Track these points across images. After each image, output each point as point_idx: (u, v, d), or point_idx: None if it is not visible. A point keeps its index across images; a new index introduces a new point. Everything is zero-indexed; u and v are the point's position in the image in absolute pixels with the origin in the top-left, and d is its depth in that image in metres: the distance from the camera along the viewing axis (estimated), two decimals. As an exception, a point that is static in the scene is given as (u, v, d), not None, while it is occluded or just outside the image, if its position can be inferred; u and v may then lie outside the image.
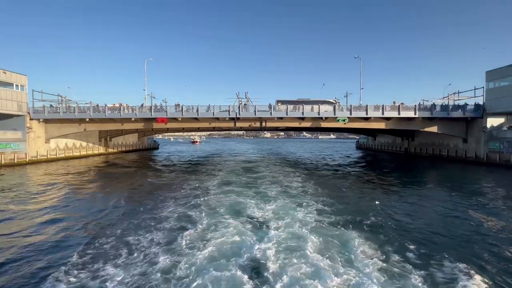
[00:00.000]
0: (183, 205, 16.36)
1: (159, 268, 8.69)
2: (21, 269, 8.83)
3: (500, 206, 17.05)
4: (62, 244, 10.84)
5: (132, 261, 9.15)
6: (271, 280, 8.01)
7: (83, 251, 9.99)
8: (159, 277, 8.15)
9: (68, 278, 8.10)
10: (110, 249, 10.16)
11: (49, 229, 12.68)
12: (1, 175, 28.79)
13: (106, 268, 8.70)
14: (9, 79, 37.04)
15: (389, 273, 8.39)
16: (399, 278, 8.13)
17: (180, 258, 9.29)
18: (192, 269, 8.59)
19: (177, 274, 8.31)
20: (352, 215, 14.28)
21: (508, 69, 34.46)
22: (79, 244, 10.75)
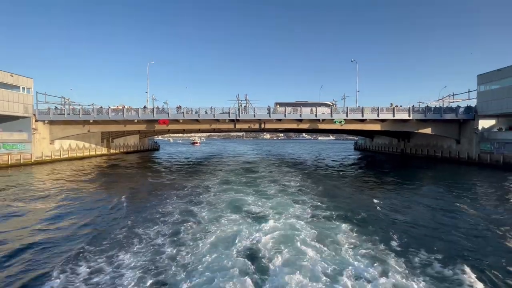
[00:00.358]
0: (186, 202, 17.53)
1: (167, 254, 9.85)
2: (40, 254, 9.97)
3: (483, 203, 18.23)
4: (78, 233, 11.98)
5: (142, 249, 10.28)
6: (266, 263, 9.14)
7: (98, 241, 11.13)
8: (167, 262, 9.27)
9: (88, 263, 9.23)
10: (123, 239, 11.32)
11: (64, 221, 13.83)
12: (8, 176, 29.90)
13: (119, 254, 9.83)
14: (16, 82, 38.21)
15: (374, 258, 9.52)
16: (382, 262, 9.25)
17: (184, 247, 10.42)
18: (195, 254, 9.74)
19: (182, 260, 9.43)
20: (344, 211, 15.44)
21: (498, 73, 35.73)
22: (92, 234, 11.90)
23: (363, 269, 8.74)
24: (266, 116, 41.46)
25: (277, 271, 8.62)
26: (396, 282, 8.05)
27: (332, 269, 8.77)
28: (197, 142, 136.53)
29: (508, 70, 34.41)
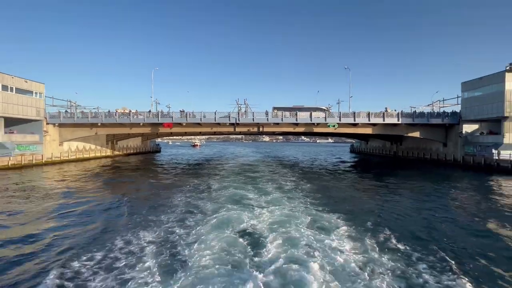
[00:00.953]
0: (190, 196, 19.99)
1: (177, 233, 12.26)
2: (69, 235, 12.42)
3: (456, 202, 20.78)
4: (100, 217, 14.43)
5: (158, 229, 12.67)
6: (262, 241, 11.55)
7: (121, 223, 13.59)
8: (178, 238, 11.65)
9: (119, 242, 11.62)
10: (141, 221, 13.78)
11: (88, 210, 16.28)
12: (23, 175, 32.26)
13: (140, 232, 12.22)
14: (29, 87, 40.72)
15: (353, 238, 11.93)
16: (360, 240, 11.64)
17: (190, 229, 12.83)
18: (200, 233, 12.14)
19: (189, 237, 11.81)
20: (334, 204, 17.90)
21: (479, 81, 38.49)
22: (113, 219, 14.36)
23: (343, 245, 11.07)
24: (264, 120, 44.06)
25: (269, 247, 10.94)
26: (369, 256, 10.39)
27: (318, 244, 11.17)
28: (197, 144, 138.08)
29: (488, 78, 37.17)
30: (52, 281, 8.25)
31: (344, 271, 8.84)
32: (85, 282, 8.24)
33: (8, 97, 37.44)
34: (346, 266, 9.15)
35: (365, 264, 9.33)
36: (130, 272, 8.73)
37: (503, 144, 35.41)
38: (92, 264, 9.36)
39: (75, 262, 9.48)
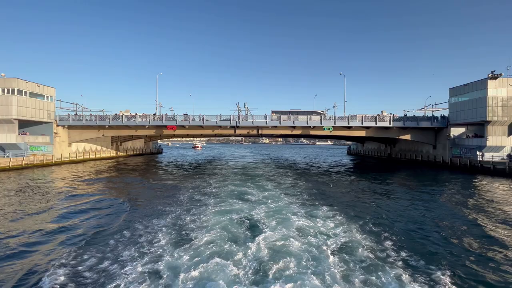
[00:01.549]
0: (194, 192, 22.32)
1: (184, 219, 14.58)
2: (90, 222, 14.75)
3: (440, 199, 23.14)
4: (121, 208, 16.74)
5: (167, 217, 14.95)
6: (258, 225, 13.86)
7: (137, 212, 15.91)
8: (185, 223, 13.93)
9: (139, 226, 13.92)
10: (153, 211, 16.13)
11: (102, 204, 18.61)
12: (35, 174, 34.54)
13: (153, 219, 14.52)
14: (42, 91, 43.11)
15: (342, 224, 14.22)
16: (348, 227, 13.92)
17: (195, 216, 15.15)
18: (204, 219, 14.43)
19: (195, 222, 14.09)
20: (326, 198, 20.25)
21: (465, 87, 40.96)
22: (139, 208, 16.69)
23: (332, 231, 13.35)
24: (263, 123, 46.46)
25: (263, 227, 13.29)
26: (356, 240, 12.68)
27: (306, 225, 13.48)
28: (198, 146, 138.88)
29: (472, 85, 39.64)
30: (92, 250, 10.60)
31: (326, 246, 11.15)
32: (119, 251, 10.56)
33: (23, 100, 39.82)
34: (328, 243, 11.49)
35: (345, 243, 11.61)
36: (149, 246, 11.03)
37: (486, 146, 37.80)
38: (123, 240, 11.71)
39: (109, 237, 11.86)
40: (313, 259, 9.79)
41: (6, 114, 38.57)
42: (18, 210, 16.78)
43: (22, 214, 15.91)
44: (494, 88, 37.04)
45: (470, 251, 10.84)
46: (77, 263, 9.60)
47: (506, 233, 13.14)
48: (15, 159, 38.41)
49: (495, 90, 37.02)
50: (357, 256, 10.21)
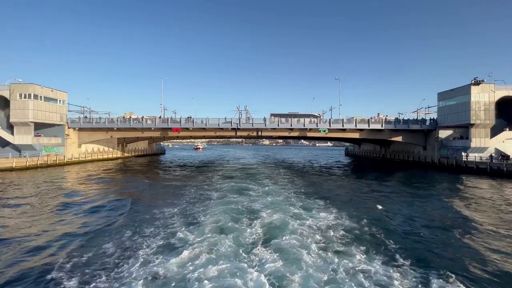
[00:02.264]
0: (198, 187, 25.08)
1: (191, 207, 17.32)
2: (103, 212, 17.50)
3: (427, 194, 25.83)
4: (120, 204, 19.50)
5: (175, 209, 17.65)
6: (257, 212, 16.58)
7: (154, 203, 18.67)
8: (192, 211, 16.66)
9: (156, 210, 16.63)
10: (163, 202, 18.87)
11: (113, 199, 21.39)
12: (48, 173, 37.37)
13: (164, 208, 17.24)
14: (55, 96, 46.04)
15: (329, 212, 16.93)
16: (339, 215, 16.61)
17: (201, 204, 17.89)
18: (209, 207, 17.17)
19: (202, 210, 16.80)
20: (321, 193, 22.95)
21: (452, 92, 43.65)
22: (138, 202, 19.47)
23: (319, 215, 16.05)
24: (262, 126, 49.24)
25: (261, 213, 16.00)
26: (337, 222, 15.44)
27: (298, 212, 16.18)
28: (199, 147, 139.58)
29: (458, 90, 42.34)
30: (115, 225, 13.36)
31: (317, 229, 13.80)
32: (142, 229, 13.30)
33: (38, 105, 42.73)
34: (319, 225, 14.20)
35: (333, 225, 14.30)
36: (164, 228, 13.73)
37: (471, 147, 40.42)
38: (145, 221, 14.49)
39: (132, 219, 14.64)
40: (303, 236, 12.40)
41: (23, 117, 41.48)
42: (41, 203, 19.60)
43: (44, 206, 18.72)
44: (477, 93, 39.71)
45: (449, 238, 12.81)
46: (116, 233, 12.36)
47: (482, 222, 15.85)
48: (31, 159, 41.28)
49: (478, 95, 39.69)
50: (340, 234, 12.88)
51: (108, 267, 9.44)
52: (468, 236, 12.85)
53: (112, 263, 9.69)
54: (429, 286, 8.47)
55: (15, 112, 41.47)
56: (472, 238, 12.62)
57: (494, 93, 40.06)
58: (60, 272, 9.05)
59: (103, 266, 9.48)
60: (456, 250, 11.28)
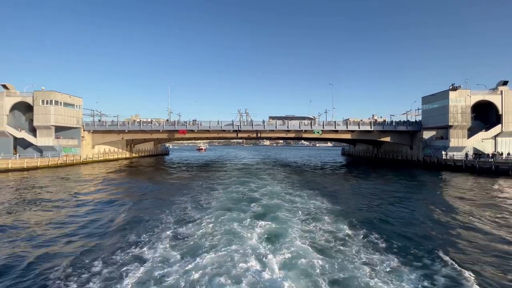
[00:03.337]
0: (204, 182, 29.40)
1: (199, 196, 21.63)
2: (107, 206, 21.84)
3: (409, 188, 30.12)
4: (150, 192, 23.82)
5: (187, 197, 21.96)
6: (256, 197, 20.87)
7: (167, 194, 22.99)
8: (200, 200, 20.90)
9: (173, 198, 20.93)
10: (176, 193, 23.21)
11: (125, 193, 25.74)
12: (67, 171, 41.77)
13: (176, 198, 21.52)
14: (72, 101, 50.52)
15: (317, 200, 21.23)
16: (331, 205, 20.94)
17: (208, 194, 22.20)
18: (214, 196, 21.45)
19: (207, 198, 21.09)
20: (312, 187, 27.25)
21: (433, 96, 47.95)
22: (150, 194, 23.81)
23: (310, 200, 20.38)
24: (261, 127, 53.61)
25: (261, 198, 20.30)
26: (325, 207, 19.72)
27: (291, 198, 20.46)
28: (202, 148, 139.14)
29: (438, 95, 46.64)
30: (128, 211, 17.70)
31: (304, 210, 18.14)
32: (157, 214, 17.60)
33: (58, 110, 47.20)
34: (308, 208, 18.52)
35: (321, 209, 18.63)
36: (178, 212, 17.97)
37: (450, 147, 44.70)
38: (160, 206, 18.83)
39: (148, 206, 18.98)
40: (292, 212, 16.71)
41: (45, 121, 45.94)
42: (67, 196, 24.01)
43: (68, 197, 23.10)
44: (455, 98, 44.00)
45: (426, 222, 17.11)
46: (135, 215, 16.68)
47: (455, 208, 20.19)
48: (53, 159, 45.73)
49: (455, 100, 43.98)
50: (320, 211, 17.22)
51: (143, 230, 13.67)
52: (434, 216, 17.21)
53: (146, 227, 13.94)
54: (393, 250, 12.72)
55: (38, 116, 45.96)
56: (438, 217, 16.96)
57: (470, 97, 44.38)
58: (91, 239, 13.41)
59: (142, 227, 13.77)
60: (421, 224, 15.61)
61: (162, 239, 12.05)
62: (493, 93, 45.28)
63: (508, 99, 44.27)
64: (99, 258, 10.19)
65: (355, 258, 10.20)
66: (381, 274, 9.09)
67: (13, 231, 13.55)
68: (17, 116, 49.39)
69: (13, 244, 11.85)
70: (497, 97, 44.78)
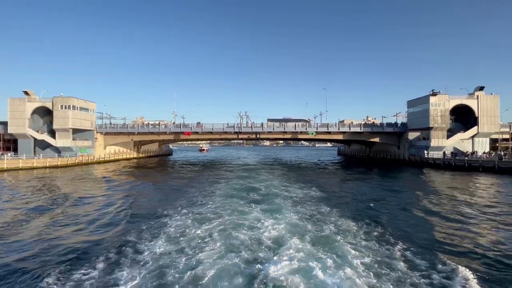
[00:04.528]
0: (209, 178, 34.00)
1: (207, 189, 26.24)
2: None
3: (393, 183, 34.67)
4: (168, 185, 28.40)
5: (196, 189, 26.52)
6: (257, 187, 25.42)
7: (178, 187, 27.59)
8: (206, 191, 25.54)
9: (186, 188, 25.52)
10: (181, 191, 27.82)
11: (138, 189, 30.34)
12: (84, 169, 46.42)
13: (188, 189, 26.12)
14: (87, 106, 55.21)
15: (309, 191, 25.83)
16: (325, 197, 25.52)
17: (214, 185, 26.80)
18: (219, 187, 26.03)
19: (212, 191, 25.67)
20: (306, 180, 31.81)
21: (416, 100, 52.53)
22: (161, 188, 28.41)
23: (305, 191, 24.96)
24: (260, 129, 58.23)
25: (264, 191, 24.84)
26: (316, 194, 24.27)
27: (286, 185, 25.02)
28: (204, 149, 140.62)
29: (421, 99, 51.22)
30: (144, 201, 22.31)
31: (297, 199, 22.74)
32: (170, 202, 22.19)
33: (75, 114, 51.88)
34: (299, 194, 23.13)
35: (305, 194, 23.25)
36: (185, 204, 22.62)
37: (431, 146, 49.26)
38: (171, 198, 23.43)
39: (162, 197, 23.59)
40: (286, 197, 21.30)
41: (64, 124, 50.62)
42: (87, 190, 28.65)
43: (97, 186, 27.72)
44: (435, 102, 48.58)
45: (407, 210, 22.23)
46: (149, 204, 21.25)
47: (431, 199, 24.80)
48: (71, 158, 50.40)
49: (435, 104, 48.57)
50: (308, 196, 21.82)
51: (168, 207, 18.25)
52: (410, 204, 21.81)
53: (158, 212, 18.49)
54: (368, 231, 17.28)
55: (57, 120, 50.66)
56: (414, 205, 21.56)
57: (449, 102, 48.97)
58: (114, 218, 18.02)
59: (167, 206, 18.34)
60: (387, 202, 20.21)
61: (180, 214, 16.63)
62: (470, 98, 49.86)
63: (483, 103, 48.84)
64: (143, 220, 14.80)
65: (331, 223, 14.60)
66: (345, 232, 13.42)
67: (63, 215, 18.18)
68: (35, 120, 54.06)
69: (66, 221, 16.46)
70: (473, 102, 49.35)
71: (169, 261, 10.02)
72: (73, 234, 13.49)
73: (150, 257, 10.41)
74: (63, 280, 8.88)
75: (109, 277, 9.06)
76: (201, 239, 12.19)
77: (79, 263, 10.07)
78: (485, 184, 29.33)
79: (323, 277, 8.79)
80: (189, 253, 10.73)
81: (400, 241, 12.05)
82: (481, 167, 39.59)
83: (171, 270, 9.35)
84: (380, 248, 11.39)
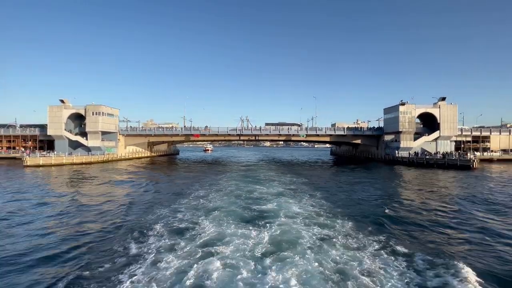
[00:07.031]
0: (213, 175, 43.86)
1: (213, 183, 36.10)
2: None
3: (371, 178, 44.55)
4: (179, 179, 38.26)
5: (203, 182, 36.32)
6: (258, 177, 35.23)
7: (186, 181, 37.45)
8: (210, 184, 35.36)
9: (195, 183, 35.32)
10: (192, 181, 37.72)
11: (152, 183, 40.26)
12: (112, 164, 56.36)
13: (195, 184, 35.95)
14: (112, 112, 65.31)
15: (300, 182, 35.67)
16: (308, 185, 35.34)
17: (218, 179, 36.65)
18: (223, 179, 35.83)
19: (218, 183, 35.48)
20: (299, 175, 41.67)
21: (390, 108, 62.44)
22: (173, 181, 38.32)
23: (299, 183, 34.75)
24: (259, 132, 68.23)
25: (265, 183, 34.63)
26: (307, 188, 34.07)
27: (280, 178, 34.82)
28: (209, 149, 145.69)
29: (394, 107, 61.14)
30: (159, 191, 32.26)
31: (289, 191, 32.59)
32: (182, 191, 32.05)
33: (103, 119, 61.97)
34: (294, 190, 33.03)
35: (293, 181, 33.12)
36: (192, 196, 32.49)
37: (401, 147, 59.13)
38: (181, 188, 33.35)
39: (174, 188, 33.53)
40: (281, 182, 31.16)
41: (95, 128, 60.71)
42: (125, 176, 38.61)
43: (127, 175, 37.64)
44: (404, 110, 58.48)
45: (385, 199, 32.06)
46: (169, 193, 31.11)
47: (399, 189, 34.77)
48: (100, 156, 60.47)
49: (404, 112, 58.46)
50: (297, 182, 31.70)
51: (184, 191, 28.06)
52: (373, 186, 31.72)
53: (171, 200, 28.33)
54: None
55: (89, 124, 60.72)
56: (374, 186, 31.46)
57: (415, 110, 58.85)
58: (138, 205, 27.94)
59: (183, 191, 28.14)
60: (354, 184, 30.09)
61: (193, 198, 26.55)
62: (434, 107, 59.73)
63: (444, 111, 58.72)
64: (162, 203, 24.64)
65: (305, 192, 24.45)
66: (310, 196, 23.24)
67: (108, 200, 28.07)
68: (68, 124, 64.12)
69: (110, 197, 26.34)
70: (436, 110, 59.21)
71: (191, 215, 19.95)
72: (126, 199, 23.41)
73: (182, 214, 20.33)
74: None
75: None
76: (220, 197, 22.16)
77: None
78: (433, 174, 39.56)
79: (293, 209, 18.67)
80: (209, 205, 20.68)
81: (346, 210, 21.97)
82: (436, 164, 49.53)
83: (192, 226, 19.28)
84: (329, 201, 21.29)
